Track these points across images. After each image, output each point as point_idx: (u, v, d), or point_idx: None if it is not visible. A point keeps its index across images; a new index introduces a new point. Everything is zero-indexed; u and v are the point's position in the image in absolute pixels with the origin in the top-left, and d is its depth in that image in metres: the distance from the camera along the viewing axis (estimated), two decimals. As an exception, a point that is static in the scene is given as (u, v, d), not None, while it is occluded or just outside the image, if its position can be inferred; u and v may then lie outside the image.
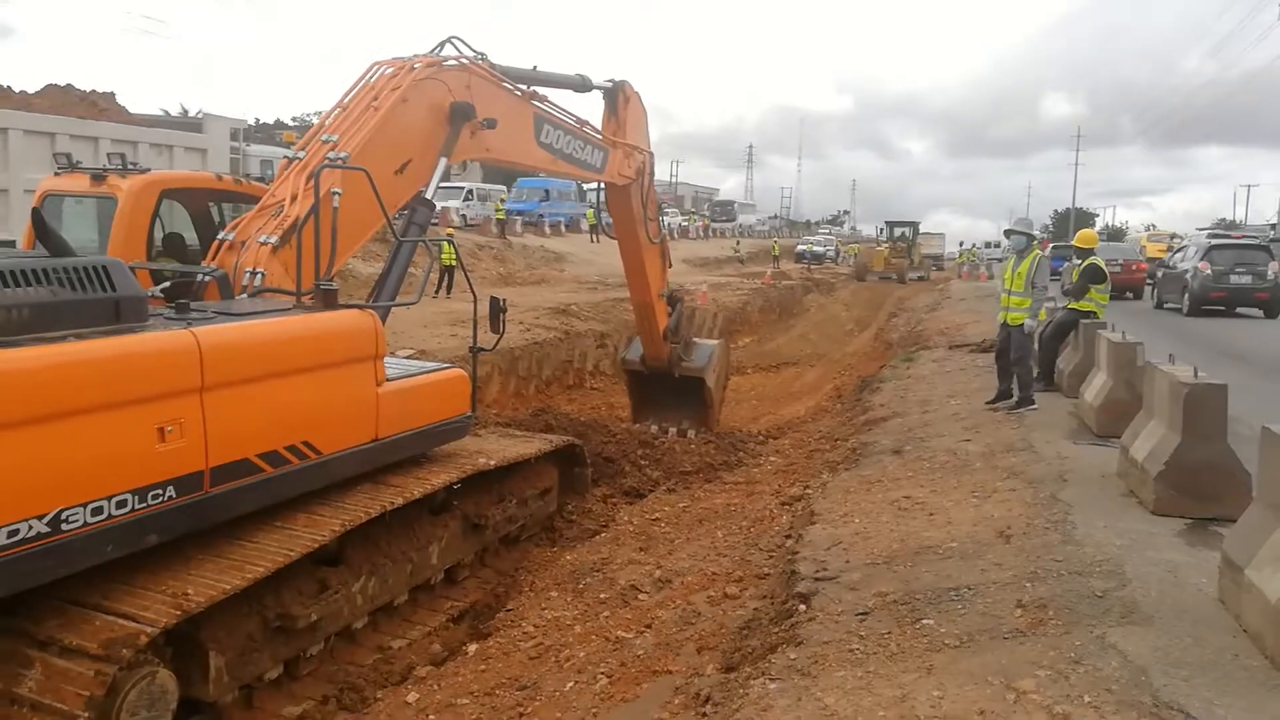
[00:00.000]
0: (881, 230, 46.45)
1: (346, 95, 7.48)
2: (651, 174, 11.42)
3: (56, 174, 7.39)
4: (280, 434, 5.32)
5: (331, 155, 6.70)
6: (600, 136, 10.16)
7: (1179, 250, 23.25)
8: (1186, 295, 19.90)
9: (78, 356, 4.29)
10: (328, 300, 5.88)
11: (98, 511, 4.31)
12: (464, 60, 7.99)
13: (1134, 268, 24.83)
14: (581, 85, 10.25)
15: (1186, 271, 20.09)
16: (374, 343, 6.05)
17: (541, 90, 9.13)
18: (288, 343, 5.46)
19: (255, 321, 5.40)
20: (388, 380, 6.30)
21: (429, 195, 7.65)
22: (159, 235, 7.36)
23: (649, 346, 12.20)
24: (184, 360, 4.69)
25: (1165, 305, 21.39)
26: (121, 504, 4.41)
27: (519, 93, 8.71)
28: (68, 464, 4.20)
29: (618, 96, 10.69)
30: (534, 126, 8.91)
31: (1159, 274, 22.93)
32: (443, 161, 7.64)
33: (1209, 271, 19.42)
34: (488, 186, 39.68)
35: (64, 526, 4.18)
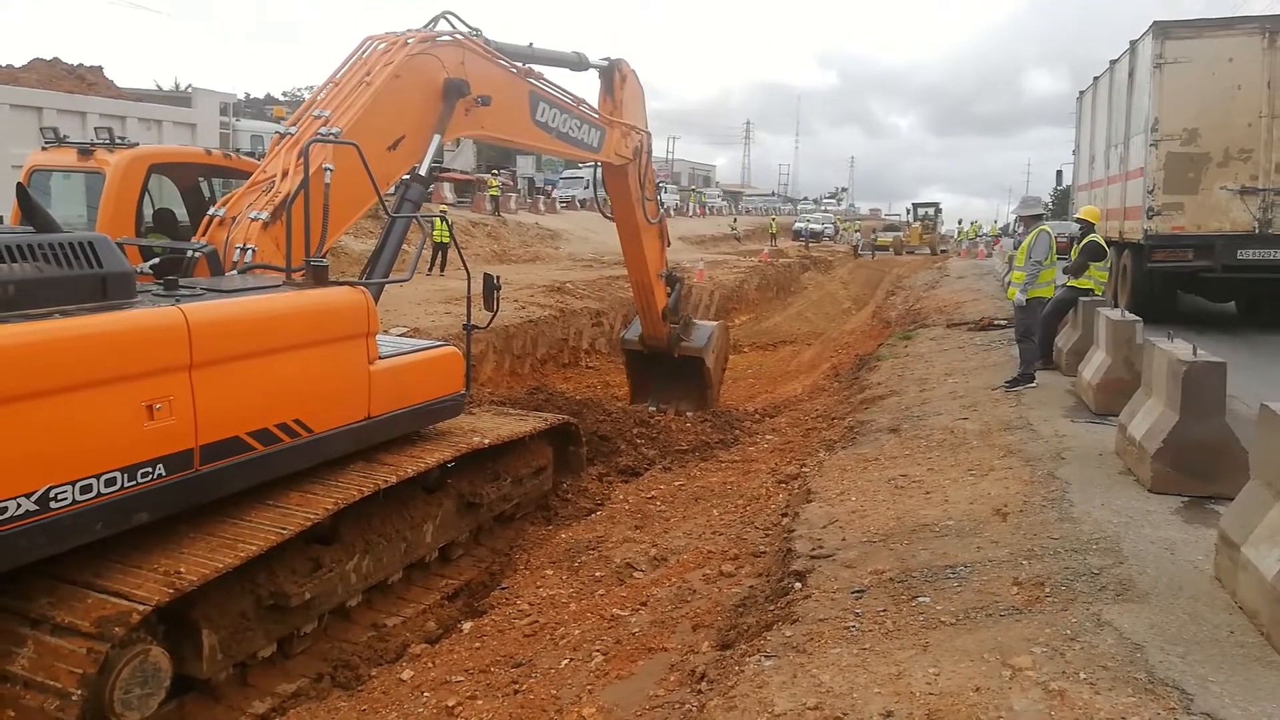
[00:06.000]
0: (909, 211, 55.14)
1: (339, 70, 7.40)
2: (649, 154, 11.32)
3: (44, 149, 7.31)
4: (271, 412, 5.29)
5: (323, 131, 6.63)
6: (597, 115, 10.04)
7: None
8: None
9: (64, 333, 4.24)
10: (318, 277, 5.84)
11: (87, 489, 4.29)
12: (458, 35, 7.88)
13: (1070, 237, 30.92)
14: (578, 63, 10.13)
15: None
16: (365, 320, 6.01)
17: (538, 70, 9.03)
18: (278, 320, 5.41)
19: (245, 298, 5.35)
20: (380, 358, 6.26)
21: (422, 172, 7.58)
22: (149, 211, 7.29)
23: (648, 326, 12.15)
24: (172, 337, 4.66)
25: None
26: (111, 482, 4.39)
27: (514, 70, 8.60)
28: (55, 442, 4.16)
29: (614, 75, 10.55)
30: (530, 104, 8.82)
31: None
32: (436, 138, 7.58)
33: None
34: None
35: (53, 505, 4.15)
